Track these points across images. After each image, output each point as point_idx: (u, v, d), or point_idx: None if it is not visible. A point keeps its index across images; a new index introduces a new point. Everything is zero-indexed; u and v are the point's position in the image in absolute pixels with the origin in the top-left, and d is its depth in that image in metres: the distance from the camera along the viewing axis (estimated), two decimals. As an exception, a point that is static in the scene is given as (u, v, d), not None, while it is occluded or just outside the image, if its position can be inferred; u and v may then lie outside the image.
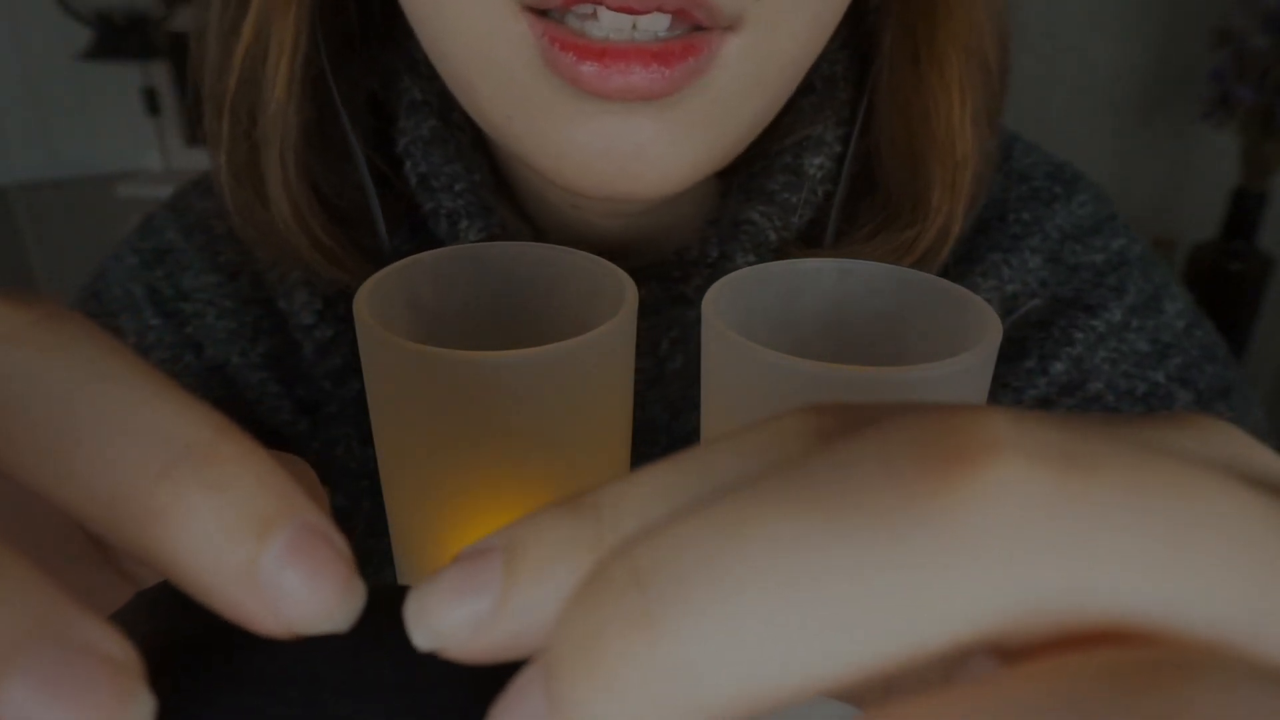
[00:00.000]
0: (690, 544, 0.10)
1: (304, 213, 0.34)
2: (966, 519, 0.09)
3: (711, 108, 0.28)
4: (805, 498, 0.10)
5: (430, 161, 0.34)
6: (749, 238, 0.33)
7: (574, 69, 0.26)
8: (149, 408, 0.12)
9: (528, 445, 0.22)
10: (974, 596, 0.09)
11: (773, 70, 0.29)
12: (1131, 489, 0.09)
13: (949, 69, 0.32)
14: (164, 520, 0.12)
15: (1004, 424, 0.09)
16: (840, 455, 0.10)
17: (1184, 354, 0.37)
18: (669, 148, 0.28)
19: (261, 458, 0.12)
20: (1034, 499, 0.09)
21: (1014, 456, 0.09)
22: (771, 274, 0.25)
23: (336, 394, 0.40)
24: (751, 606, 0.09)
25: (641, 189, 0.29)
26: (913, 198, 0.33)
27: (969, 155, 0.33)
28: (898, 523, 0.09)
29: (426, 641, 0.12)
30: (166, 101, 1.90)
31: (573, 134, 0.28)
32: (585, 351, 0.21)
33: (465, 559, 0.12)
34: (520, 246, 0.26)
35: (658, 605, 0.09)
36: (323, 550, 0.12)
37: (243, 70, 0.32)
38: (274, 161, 0.33)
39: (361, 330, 0.22)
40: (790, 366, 0.20)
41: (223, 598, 0.12)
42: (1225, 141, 1.49)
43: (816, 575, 0.09)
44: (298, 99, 0.32)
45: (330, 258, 0.35)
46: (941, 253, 0.34)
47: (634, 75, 0.26)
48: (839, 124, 0.35)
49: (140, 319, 0.40)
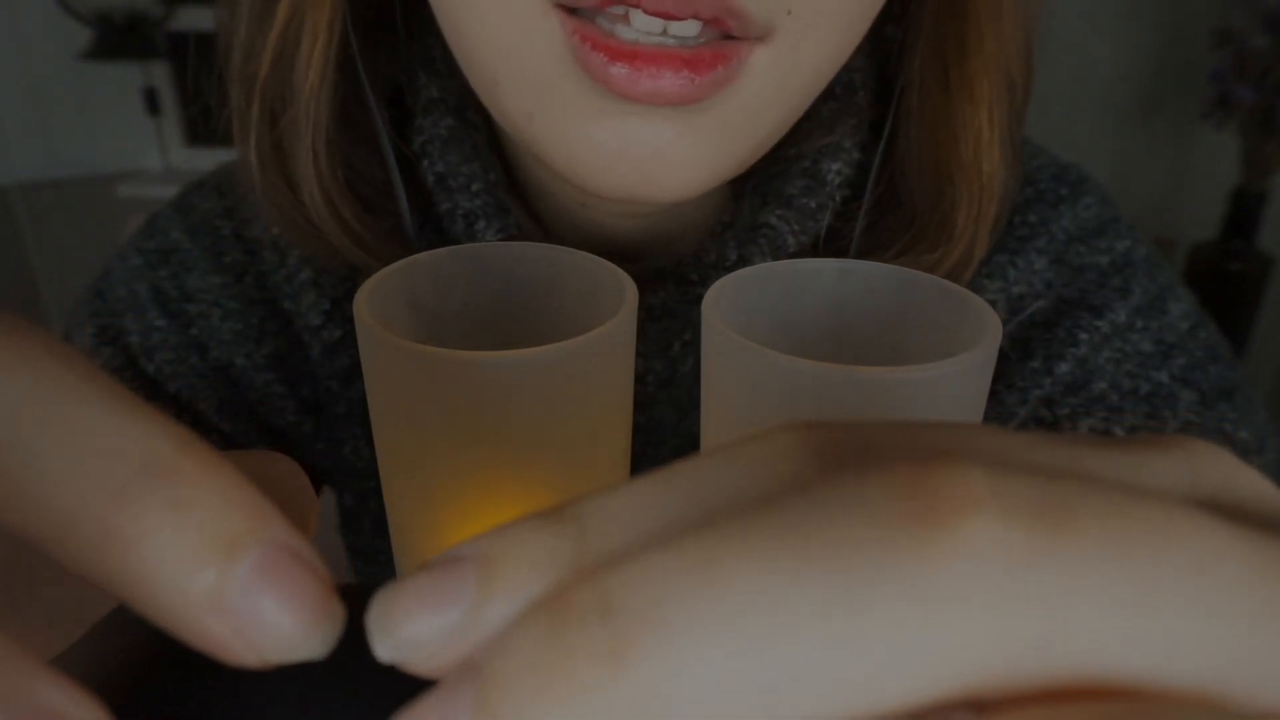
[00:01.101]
0: (660, 577, 0.09)
1: (334, 198, 0.34)
2: (942, 574, 0.09)
3: (735, 115, 0.28)
4: (781, 539, 0.09)
5: (447, 161, 0.34)
6: (767, 241, 0.33)
7: (604, 69, 0.26)
8: (106, 423, 0.11)
9: (528, 445, 0.22)
10: (949, 651, 0.09)
11: (798, 81, 0.29)
12: (1107, 541, 0.09)
13: (979, 93, 0.32)
14: (121, 542, 0.11)
15: (981, 478, 0.09)
16: (819, 497, 0.10)
17: (1188, 354, 0.37)
18: (689, 152, 0.28)
19: (228, 473, 0.12)
20: (1010, 555, 0.09)
21: (990, 512, 0.09)
22: (771, 274, 0.25)
23: (344, 394, 0.40)
24: (717, 647, 0.09)
25: (657, 192, 0.29)
26: (938, 219, 0.33)
27: (995, 176, 0.32)
28: (873, 574, 0.09)
29: (389, 652, 0.11)
30: (166, 101, 1.90)
31: (593, 133, 0.28)
32: (585, 351, 0.21)
33: (436, 568, 0.11)
34: (520, 246, 0.26)
35: (623, 638, 0.09)
36: (296, 571, 0.11)
37: (275, 53, 0.32)
38: (305, 146, 0.33)
39: (361, 330, 0.22)
40: (790, 366, 0.20)
41: (187, 626, 0.11)
42: (1225, 141, 1.49)
43: (786, 619, 0.09)
44: (330, 83, 0.32)
45: (359, 243, 0.35)
46: (966, 274, 0.34)
47: (664, 80, 0.26)
48: (857, 130, 0.35)
49: (145, 319, 0.40)
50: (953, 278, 0.34)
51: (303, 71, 0.31)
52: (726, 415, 0.22)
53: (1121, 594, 0.09)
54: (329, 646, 0.11)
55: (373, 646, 0.11)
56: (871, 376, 0.19)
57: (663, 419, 0.38)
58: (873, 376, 0.19)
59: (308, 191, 0.33)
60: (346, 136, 0.34)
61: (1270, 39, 1.36)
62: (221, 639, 0.11)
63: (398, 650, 0.11)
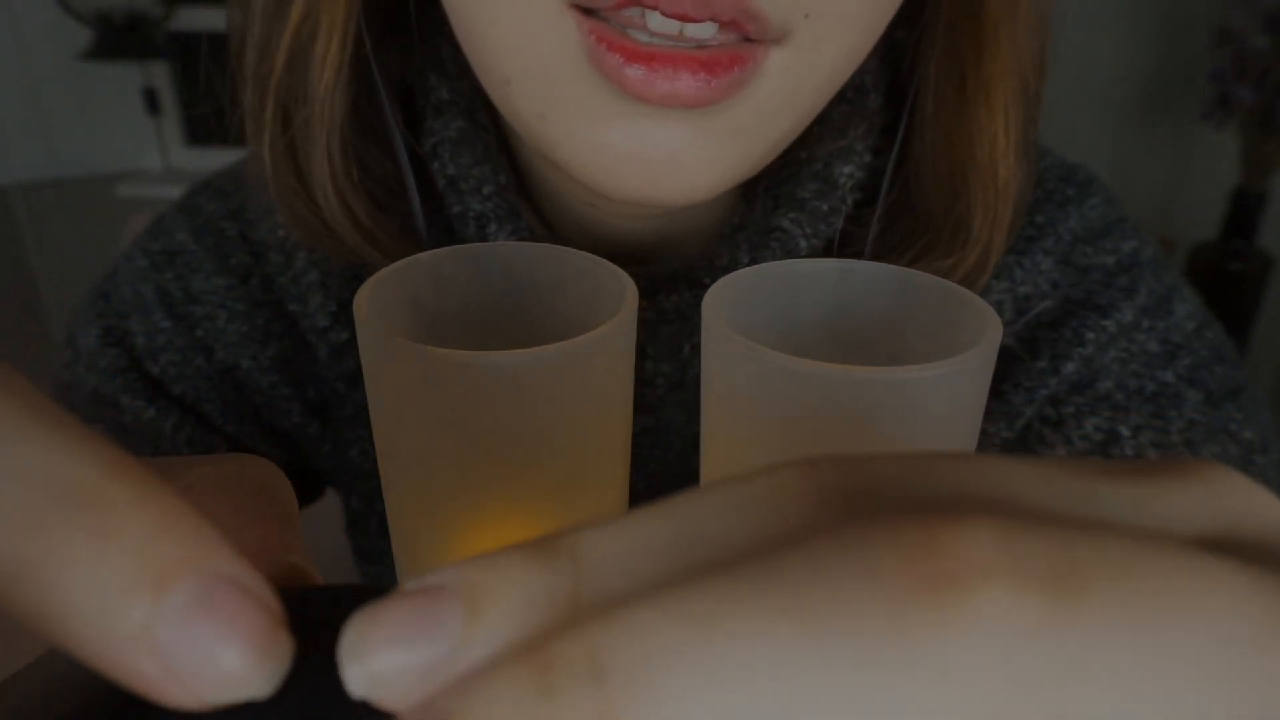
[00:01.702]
0: (656, 637, 0.09)
1: (348, 198, 0.34)
2: (954, 649, 0.09)
3: (749, 118, 0.28)
4: (784, 602, 0.09)
5: (459, 163, 0.34)
6: (780, 245, 0.33)
7: (620, 70, 0.26)
8: (28, 446, 0.10)
9: (528, 445, 0.22)
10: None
11: (812, 84, 0.29)
12: (1123, 611, 0.09)
13: (995, 98, 0.32)
14: (35, 576, 0.10)
15: (991, 541, 0.09)
16: (824, 556, 0.09)
17: (1193, 354, 0.37)
18: (701, 155, 0.28)
19: (164, 499, 0.11)
20: (1023, 628, 0.09)
21: (1001, 581, 0.09)
22: (772, 274, 0.25)
23: (351, 396, 0.40)
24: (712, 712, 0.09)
25: (669, 195, 0.28)
26: (953, 224, 0.33)
27: (1010, 181, 0.32)
28: (881, 647, 0.09)
29: (361, 686, 0.10)
30: (166, 101, 1.90)
31: (605, 135, 0.27)
32: (585, 351, 0.21)
33: (418, 596, 0.10)
34: (520, 246, 0.26)
35: (614, 704, 0.09)
36: (237, 603, 0.10)
37: (289, 53, 0.31)
38: (319, 146, 0.33)
39: (362, 330, 0.22)
40: (790, 366, 0.20)
41: (116, 665, 0.10)
42: (1225, 141, 1.49)
43: (789, 690, 0.09)
44: (345, 83, 0.32)
45: (372, 242, 0.35)
46: (981, 281, 0.34)
47: (680, 82, 0.26)
48: (869, 133, 0.34)
49: (150, 321, 0.40)
50: (967, 284, 0.33)
51: (317, 71, 0.31)
52: (726, 415, 0.22)
53: (1137, 667, 0.09)
54: (274, 684, 0.10)
55: (343, 674, 0.10)
56: (871, 376, 0.19)
57: (672, 421, 0.38)
58: (873, 376, 0.19)
59: (321, 191, 0.33)
60: (359, 137, 0.34)
61: (1270, 39, 1.36)
62: (153, 679, 0.10)
63: (372, 683, 0.10)
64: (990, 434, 0.38)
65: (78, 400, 0.40)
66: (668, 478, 0.39)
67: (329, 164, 0.33)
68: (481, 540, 0.23)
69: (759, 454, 0.22)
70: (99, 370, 0.40)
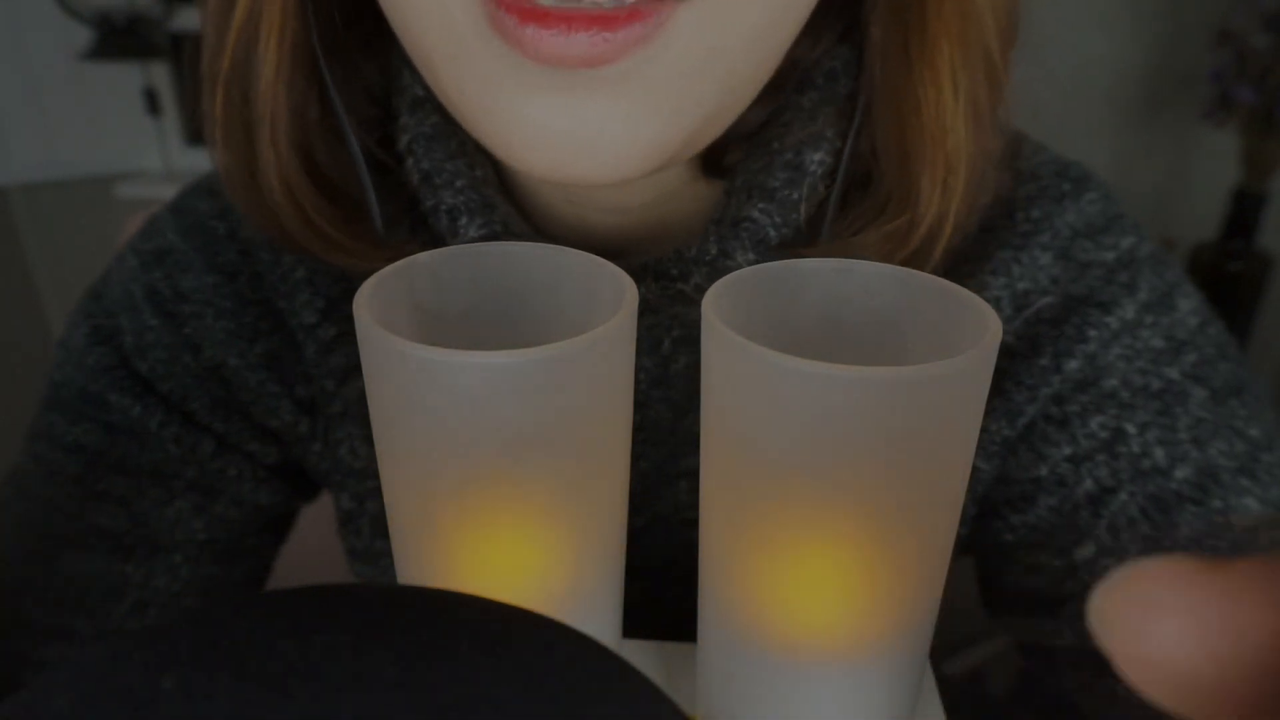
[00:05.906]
0: None
1: (296, 194, 0.33)
2: None
3: (666, 84, 0.27)
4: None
5: (432, 158, 0.34)
6: (749, 235, 0.33)
7: (516, 31, 0.25)
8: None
9: (527, 445, 0.22)
10: None
11: (733, 41, 0.27)
12: None
13: (940, 59, 0.31)
14: None
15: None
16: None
17: (1198, 351, 0.37)
18: (622, 128, 0.27)
19: None
20: None
21: None
22: (771, 274, 0.25)
23: (340, 394, 0.40)
24: None
25: (591, 170, 0.28)
26: (903, 189, 0.33)
27: (961, 148, 0.32)
28: None
29: None
30: (166, 101, 1.90)
31: (522, 109, 0.27)
32: (585, 351, 0.21)
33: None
34: (520, 246, 0.26)
35: None
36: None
37: (235, 50, 0.32)
38: (265, 141, 0.33)
39: (362, 331, 0.22)
40: (790, 366, 0.20)
41: None
42: (1225, 141, 1.48)
43: None
44: (288, 79, 0.32)
45: (325, 241, 0.34)
46: (934, 251, 0.33)
47: (575, 40, 0.25)
48: (839, 119, 0.34)
49: (139, 319, 0.40)
50: (921, 257, 0.33)
51: (260, 66, 0.31)
52: (726, 415, 0.22)
53: None
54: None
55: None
56: (871, 376, 0.19)
57: (658, 418, 0.37)
58: (873, 376, 0.19)
59: (267, 188, 0.33)
60: (325, 136, 0.34)
61: (1270, 39, 1.36)
62: None
63: None
64: (991, 432, 0.38)
65: (68, 399, 0.40)
66: (658, 476, 0.39)
67: (276, 162, 0.33)
68: (481, 541, 0.23)
69: (759, 454, 0.22)
70: (87, 368, 0.40)
